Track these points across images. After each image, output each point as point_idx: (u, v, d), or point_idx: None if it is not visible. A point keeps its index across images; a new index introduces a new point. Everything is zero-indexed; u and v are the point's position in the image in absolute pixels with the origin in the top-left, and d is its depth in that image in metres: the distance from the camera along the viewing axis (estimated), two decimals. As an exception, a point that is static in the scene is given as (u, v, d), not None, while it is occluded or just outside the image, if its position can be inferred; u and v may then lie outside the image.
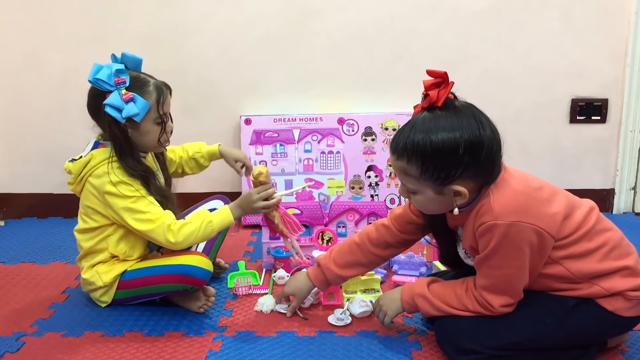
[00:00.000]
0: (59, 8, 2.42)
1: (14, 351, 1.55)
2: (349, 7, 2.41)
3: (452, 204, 1.33)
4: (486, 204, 1.31)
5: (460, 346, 1.39)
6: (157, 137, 1.68)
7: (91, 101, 1.67)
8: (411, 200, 1.41)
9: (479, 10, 2.39)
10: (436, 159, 1.27)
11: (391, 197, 2.49)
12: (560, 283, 1.37)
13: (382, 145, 2.46)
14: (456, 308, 1.41)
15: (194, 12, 2.42)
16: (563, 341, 1.38)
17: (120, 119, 1.60)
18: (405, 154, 1.30)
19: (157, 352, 1.54)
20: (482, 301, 1.37)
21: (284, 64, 2.47)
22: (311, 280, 1.66)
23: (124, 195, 1.63)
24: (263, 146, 2.46)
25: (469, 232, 1.37)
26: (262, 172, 1.69)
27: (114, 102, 1.59)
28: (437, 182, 1.30)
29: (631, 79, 2.42)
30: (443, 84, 1.30)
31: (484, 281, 1.37)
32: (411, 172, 1.31)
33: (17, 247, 2.30)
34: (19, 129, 2.56)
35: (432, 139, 1.26)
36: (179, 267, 1.65)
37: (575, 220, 1.34)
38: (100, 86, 1.60)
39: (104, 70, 1.60)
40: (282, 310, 1.71)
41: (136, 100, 1.60)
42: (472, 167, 1.28)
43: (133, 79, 1.62)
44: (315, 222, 2.02)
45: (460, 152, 1.26)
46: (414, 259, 1.93)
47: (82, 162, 1.68)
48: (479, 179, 1.32)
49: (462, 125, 1.27)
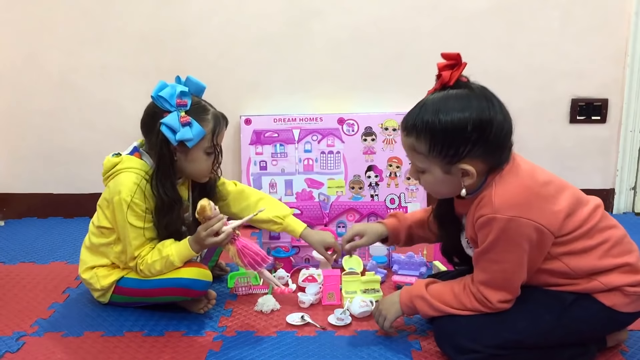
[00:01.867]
0: (59, 8, 2.42)
1: (14, 351, 1.55)
2: (349, 7, 2.41)
3: (459, 185, 1.33)
4: (487, 195, 1.31)
5: (460, 345, 1.39)
6: (204, 167, 1.66)
7: (147, 118, 1.65)
8: (420, 181, 1.40)
9: (479, 10, 2.39)
10: (445, 135, 1.27)
11: (391, 197, 2.49)
12: (558, 278, 1.37)
13: (382, 145, 2.46)
14: (454, 307, 1.41)
15: (194, 12, 2.42)
16: (561, 338, 1.38)
17: (173, 140, 1.57)
18: (414, 130, 1.31)
19: (157, 352, 1.54)
20: (480, 297, 1.37)
21: (284, 64, 2.46)
22: (386, 226, 1.65)
23: (124, 215, 1.61)
24: (263, 146, 2.46)
25: (470, 222, 1.37)
26: (205, 206, 1.57)
27: (171, 123, 1.57)
28: (445, 159, 1.30)
29: (631, 79, 2.42)
30: (456, 65, 1.31)
31: (482, 275, 1.37)
32: (420, 148, 1.32)
33: (17, 247, 2.30)
34: (19, 129, 2.56)
35: (441, 115, 1.27)
36: (178, 281, 1.64)
37: (578, 217, 1.34)
38: (161, 104, 1.58)
39: (168, 89, 1.58)
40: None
41: (192, 125, 1.58)
42: (480, 145, 1.28)
43: (194, 104, 1.61)
44: (315, 222, 2.02)
45: (469, 129, 1.26)
46: (414, 259, 1.93)
47: (112, 162, 1.67)
48: (487, 160, 1.31)
49: (472, 104, 1.27)
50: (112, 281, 1.71)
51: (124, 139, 2.48)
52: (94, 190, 2.49)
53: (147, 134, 1.66)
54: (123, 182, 1.62)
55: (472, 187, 1.35)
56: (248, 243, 1.62)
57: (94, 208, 1.76)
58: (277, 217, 1.82)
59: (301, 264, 2.01)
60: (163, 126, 1.57)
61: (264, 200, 1.85)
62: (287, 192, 2.47)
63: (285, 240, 2.02)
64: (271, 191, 2.46)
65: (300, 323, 1.65)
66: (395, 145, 2.46)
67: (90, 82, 2.48)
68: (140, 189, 1.62)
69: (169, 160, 1.62)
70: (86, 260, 1.75)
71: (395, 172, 2.47)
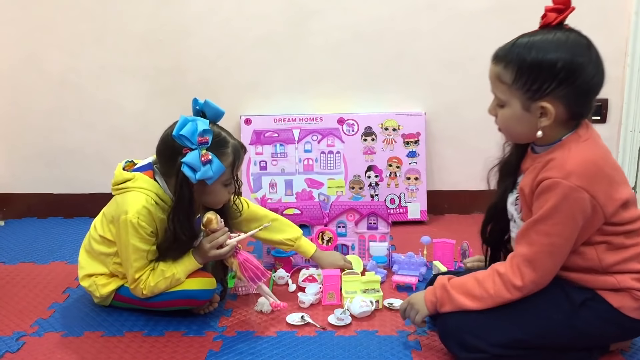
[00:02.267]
0: (59, 8, 2.42)
1: (14, 351, 1.55)
2: (348, 7, 2.41)
3: (535, 126, 1.31)
4: (559, 158, 1.29)
5: (465, 342, 1.38)
6: (221, 199, 1.64)
7: (165, 150, 1.59)
8: (497, 118, 1.37)
9: (479, 10, 2.39)
10: (532, 67, 1.27)
11: (391, 197, 2.49)
12: (581, 267, 1.35)
13: (382, 145, 2.46)
14: (474, 296, 1.37)
15: (194, 12, 2.42)
16: (567, 339, 1.37)
17: (193, 179, 1.52)
18: (503, 59, 1.32)
19: (157, 352, 1.54)
20: (508, 279, 1.33)
21: (284, 64, 2.46)
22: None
23: (128, 236, 1.58)
24: (263, 146, 2.46)
25: (529, 180, 1.34)
26: (212, 219, 1.60)
27: (193, 162, 1.50)
28: (527, 94, 1.29)
29: (631, 79, 2.42)
30: (564, 10, 1.30)
31: (526, 249, 1.33)
32: (505, 78, 1.31)
33: (17, 247, 2.30)
34: (19, 129, 2.56)
35: (533, 49, 1.27)
36: (184, 293, 1.63)
37: (629, 214, 1.33)
38: (183, 143, 1.52)
39: (189, 126, 1.51)
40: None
41: (213, 162, 1.53)
42: (565, 87, 1.26)
43: (214, 137, 1.55)
44: (315, 222, 2.02)
45: (558, 67, 1.25)
46: (414, 259, 1.93)
47: (124, 177, 1.63)
48: (568, 107, 1.29)
49: (568, 46, 1.27)
50: (111, 290, 1.71)
51: (124, 139, 2.51)
52: (94, 191, 2.51)
53: (164, 163, 1.62)
54: (131, 202, 1.58)
55: (547, 137, 1.32)
56: (249, 257, 1.65)
57: (94, 208, 1.76)
58: (289, 239, 1.87)
59: (301, 264, 2.01)
60: (184, 166, 1.51)
61: (279, 221, 1.88)
62: (287, 192, 2.47)
63: (285, 240, 2.02)
64: (271, 191, 2.46)
65: (300, 323, 1.65)
66: (395, 145, 2.46)
67: (90, 82, 2.48)
68: (148, 211, 1.58)
69: (188, 198, 1.56)
70: (85, 267, 1.74)
71: (395, 172, 2.47)
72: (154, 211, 1.59)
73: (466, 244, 1.95)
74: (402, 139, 2.46)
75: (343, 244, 2.04)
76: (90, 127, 2.53)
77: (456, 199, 2.56)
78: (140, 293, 1.63)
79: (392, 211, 2.47)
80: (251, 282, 1.62)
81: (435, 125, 2.49)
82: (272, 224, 1.82)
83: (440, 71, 2.43)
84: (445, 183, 2.56)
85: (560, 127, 1.33)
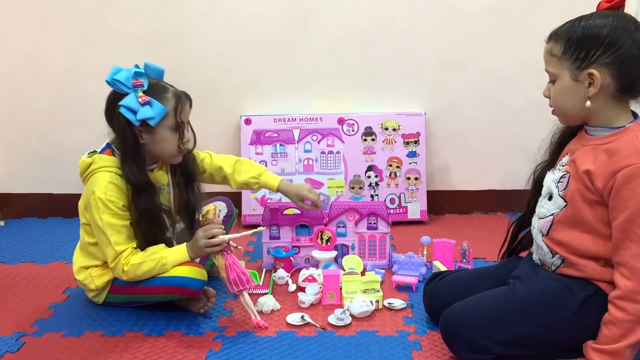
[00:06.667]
0: (59, 8, 2.42)
1: (14, 351, 1.55)
2: (348, 7, 2.41)
3: (584, 97, 1.32)
4: (629, 144, 1.29)
5: (470, 341, 1.39)
6: (172, 146, 1.65)
7: (108, 106, 1.64)
8: (550, 98, 1.39)
9: (479, 10, 2.39)
10: (579, 37, 1.31)
11: (391, 197, 2.49)
12: (602, 258, 1.34)
13: (382, 145, 2.46)
14: (625, 322, 1.28)
15: (194, 12, 2.42)
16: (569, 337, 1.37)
17: (134, 121, 1.56)
18: (554, 35, 1.37)
19: (157, 352, 1.54)
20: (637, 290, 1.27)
21: (284, 64, 2.47)
22: None
23: (100, 213, 1.61)
24: (263, 146, 2.46)
25: (589, 159, 1.32)
26: (210, 210, 1.66)
27: (130, 104, 1.56)
28: (575, 63, 1.32)
29: (631, 79, 2.41)
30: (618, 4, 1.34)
31: (637, 248, 1.27)
32: (555, 51, 1.35)
33: (17, 247, 2.30)
34: (19, 129, 2.56)
35: (582, 22, 1.33)
36: (173, 279, 1.64)
37: None
38: (118, 87, 1.57)
39: (122, 72, 1.58)
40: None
41: (153, 104, 1.57)
42: (612, 53, 1.29)
43: (152, 84, 1.60)
44: (315, 222, 2.02)
45: (604, 33, 1.29)
46: (414, 259, 1.93)
47: (86, 163, 1.67)
48: (615, 76, 1.30)
49: (614, 17, 1.31)
50: (106, 280, 1.71)
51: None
52: (94, 190, 2.50)
53: (111, 122, 1.64)
54: (96, 182, 1.63)
55: (599, 113, 1.33)
56: (238, 262, 1.65)
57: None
58: (252, 177, 1.88)
59: (301, 264, 2.01)
60: (122, 108, 1.56)
61: (239, 162, 1.90)
62: (287, 192, 2.47)
63: (285, 240, 2.02)
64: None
65: (300, 323, 1.65)
66: (395, 145, 2.46)
67: (90, 82, 2.48)
68: (115, 185, 1.62)
69: (133, 142, 1.61)
70: (78, 261, 1.75)
71: (395, 172, 2.47)
72: (121, 184, 1.63)
73: (466, 244, 1.95)
74: (402, 139, 2.46)
75: (343, 244, 2.04)
76: (90, 127, 2.51)
77: (456, 199, 2.56)
78: (120, 271, 1.63)
79: (392, 211, 2.47)
80: (232, 285, 1.61)
81: (435, 125, 2.49)
82: (235, 165, 1.88)
83: (440, 71, 2.43)
84: (445, 183, 2.56)
85: (611, 101, 1.33)
